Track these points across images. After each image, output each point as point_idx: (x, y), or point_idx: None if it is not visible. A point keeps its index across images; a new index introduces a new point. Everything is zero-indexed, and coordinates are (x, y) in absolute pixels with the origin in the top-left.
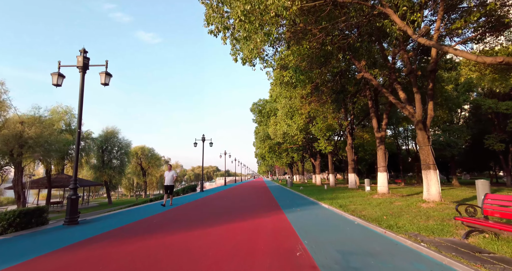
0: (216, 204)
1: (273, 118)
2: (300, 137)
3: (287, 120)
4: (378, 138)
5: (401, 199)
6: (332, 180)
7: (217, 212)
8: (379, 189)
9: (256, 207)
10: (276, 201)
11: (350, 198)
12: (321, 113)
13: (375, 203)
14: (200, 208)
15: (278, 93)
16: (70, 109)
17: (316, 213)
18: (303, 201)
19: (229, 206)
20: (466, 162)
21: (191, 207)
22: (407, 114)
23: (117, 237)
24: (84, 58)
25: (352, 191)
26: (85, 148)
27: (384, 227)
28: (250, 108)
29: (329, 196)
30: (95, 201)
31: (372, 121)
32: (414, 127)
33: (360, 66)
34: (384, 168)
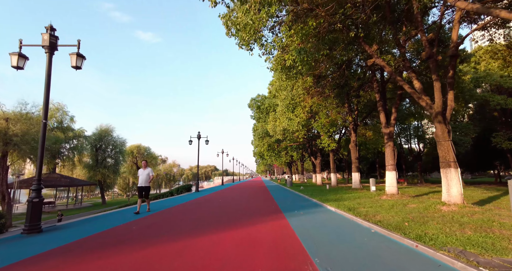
0: (208, 207)
1: (272, 114)
2: (301, 134)
3: (288, 114)
4: (386, 134)
5: (415, 201)
6: (334, 179)
7: (207, 218)
8: (388, 189)
9: (253, 210)
10: (276, 202)
11: (357, 200)
12: (324, 108)
13: (387, 206)
14: (189, 213)
15: (278, 87)
16: (62, 106)
17: (322, 218)
18: (306, 203)
19: (223, 209)
20: (469, 161)
21: (178, 211)
22: (424, 105)
23: (71, 254)
24: (51, 36)
25: (357, 192)
26: (77, 146)
27: (412, 237)
28: (248, 103)
29: (333, 197)
30: (89, 201)
31: (380, 116)
32: (432, 120)
33: (371, 51)
34: (393, 166)
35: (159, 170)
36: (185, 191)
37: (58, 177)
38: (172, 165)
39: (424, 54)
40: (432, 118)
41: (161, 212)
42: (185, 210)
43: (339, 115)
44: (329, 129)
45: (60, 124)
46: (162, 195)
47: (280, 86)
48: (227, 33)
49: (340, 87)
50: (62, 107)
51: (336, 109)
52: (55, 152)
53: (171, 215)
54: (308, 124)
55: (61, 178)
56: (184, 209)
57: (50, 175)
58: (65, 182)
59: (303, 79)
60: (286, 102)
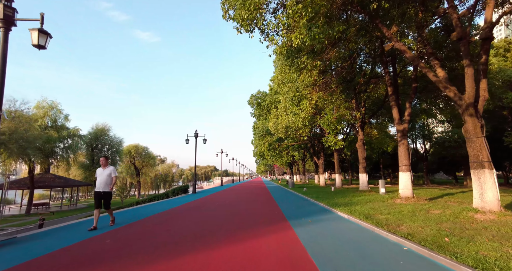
0: (201, 213)
1: (273, 111)
2: (305, 132)
3: (293, 108)
4: (400, 131)
5: (436, 206)
6: (339, 180)
7: (195, 229)
8: (402, 192)
9: (252, 218)
10: (279, 207)
11: (369, 204)
12: (330, 103)
13: (407, 212)
14: (174, 222)
15: (280, 81)
16: (55, 104)
17: (336, 228)
18: (312, 207)
19: (217, 217)
20: None
21: (162, 220)
22: (452, 96)
23: None
24: (5, 7)
25: (366, 194)
26: (71, 146)
27: (471, 265)
28: (248, 100)
29: (342, 201)
30: (86, 202)
31: (392, 111)
32: (461, 114)
33: (389, 34)
34: (407, 167)
35: (157, 171)
36: (182, 192)
37: (52, 177)
38: (171, 165)
39: (455, 34)
40: (462, 111)
41: (136, 223)
42: (171, 218)
43: (347, 110)
44: (336, 126)
45: (54, 123)
46: (157, 197)
47: (283, 80)
48: (224, 16)
49: (347, 82)
50: (56, 105)
51: (344, 104)
52: (48, 151)
53: (145, 228)
54: (313, 121)
55: (55, 178)
56: (170, 217)
57: (43, 176)
58: (59, 182)
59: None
60: (290, 94)
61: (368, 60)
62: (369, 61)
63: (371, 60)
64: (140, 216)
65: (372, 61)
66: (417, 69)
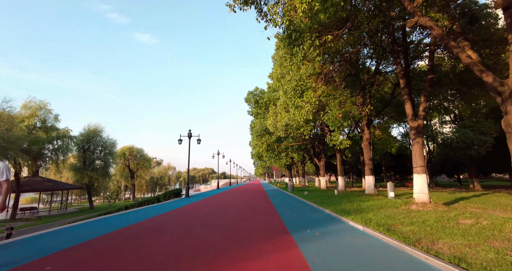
0: (185, 224)
1: (272, 109)
2: (306, 130)
3: (295, 100)
4: (414, 128)
5: (463, 214)
6: (342, 183)
7: (173, 248)
8: (417, 196)
9: (247, 230)
10: (279, 214)
11: (382, 211)
12: (335, 98)
13: (433, 222)
14: (153, 235)
15: (279, 75)
16: (44, 104)
17: (352, 245)
18: (317, 214)
19: (206, 228)
20: (484, 163)
21: (141, 231)
22: (491, 81)
23: None
24: None
25: (374, 199)
26: (61, 147)
27: None
28: (245, 97)
29: (350, 207)
30: (77, 206)
31: (405, 106)
32: (502, 103)
33: (412, 7)
34: (423, 168)
35: (153, 173)
36: (174, 196)
37: (40, 180)
38: (167, 167)
39: (499, 2)
40: (503, 99)
41: (103, 238)
42: (149, 230)
43: (354, 105)
44: (342, 123)
45: (43, 124)
46: (147, 201)
47: (282, 73)
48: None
49: (352, 76)
50: (45, 105)
51: (350, 98)
52: (35, 153)
53: (111, 246)
54: (315, 118)
55: (44, 181)
56: (148, 229)
57: (31, 178)
58: (48, 185)
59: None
60: (292, 84)
61: (372, 56)
62: (372, 57)
63: (377, 54)
64: (115, 227)
65: (379, 55)
66: (433, 59)
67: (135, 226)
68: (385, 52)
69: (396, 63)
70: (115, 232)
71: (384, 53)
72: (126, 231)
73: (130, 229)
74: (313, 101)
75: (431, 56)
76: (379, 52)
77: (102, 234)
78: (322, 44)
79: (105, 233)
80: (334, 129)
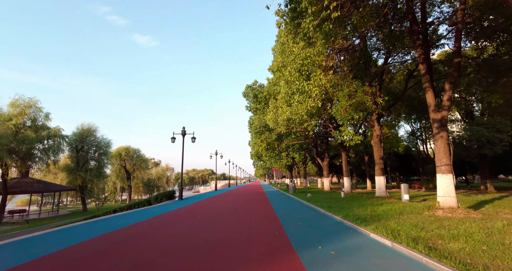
0: (168, 235)
1: (272, 103)
2: (311, 125)
3: (301, 84)
4: (437, 120)
5: (509, 224)
6: (348, 185)
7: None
8: (442, 200)
9: (242, 245)
10: (280, 222)
11: (404, 217)
12: (345, 87)
13: (482, 235)
14: (121, 250)
15: (281, 63)
16: (34, 102)
17: (379, 269)
18: (326, 222)
19: (190, 243)
20: (496, 163)
21: (107, 244)
22: None
23: None
24: None
25: (387, 202)
26: (52, 147)
27: None
28: (243, 92)
29: (363, 212)
30: (72, 208)
31: (426, 96)
32: None
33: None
34: (448, 167)
35: (150, 174)
36: (166, 199)
37: (30, 182)
38: (165, 168)
39: None
40: None
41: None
42: (119, 242)
43: (366, 96)
44: (353, 116)
45: (34, 123)
46: (138, 204)
47: (283, 62)
48: None
49: (364, 63)
50: (34, 103)
51: (362, 88)
52: (24, 153)
53: None
54: (319, 113)
55: (34, 183)
56: (118, 242)
57: (20, 180)
58: (38, 187)
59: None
60: (296, 63)
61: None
62: (380, 49)
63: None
64: (81, 237)
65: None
66: (460, 39)
67: (103, 238)
68: (397, 39)
69: (415, 46)
70: (76, 246)
71: (397, 41)
72: (87, 246)
73: (95, 242)
74: (322, 82)
75: (457, 35)
76: (391, 36)
77: (58, 249)
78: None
79: (60, 249)
80: (343, 123)
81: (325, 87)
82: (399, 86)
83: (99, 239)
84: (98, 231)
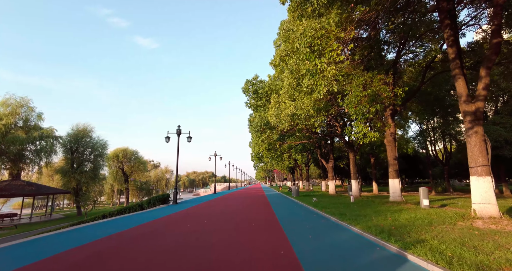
0: (135, 257)
1: (274, 98)
2: (318, 121)
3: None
4: (470, 113)
5: None
6: (356, 188)
7: None
8: (480, 207)
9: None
10: (286, 235)
11: (436, 229)
12: (359, 76)
13: None
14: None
15: (284, 52)
16: (26, 101)
17: None
18: (343, 236)
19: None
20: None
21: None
22: None
23: None
24: None
25: (406, 208)
26: (44, 148)
27: None
28: (243, 87)
29: (384, 222)
30: (67, 212)
31: (455, 84)
32: None
33: None
34: (486, 169)
35: (149, 177)
36: (159, 203)
37: (21, 184)
38: (164, 170)
39: None
40: None
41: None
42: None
43: (383, 86)
44: (369, 109)
45: (26, 123)
46: (129, 208)
47: (287, 50)
48: None
49: (377, 49)
50: (26, 102)
51: (379, 76)
52: (13, 154)
53: None
54: (327, 108)
55: (25, 185)
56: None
57: (11, 182)
58: (30, 190)
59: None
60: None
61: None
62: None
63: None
64: (49, 252)
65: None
66: (501, 16)
67: (73, 252)
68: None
69: (443, 26)
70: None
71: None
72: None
73: (60, 259)
74: (341, 59)
75: (497, 11)
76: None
77: None
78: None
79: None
80: (356, 118)
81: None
82: (411, 81)
83: (48, 262)
84: (57, 247)
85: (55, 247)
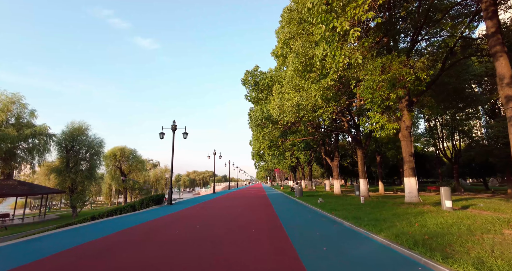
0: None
1: (277, 88)
2: (327, 112)
3: (331, 23)
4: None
5: None
6: (365, 188)
7: None
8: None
9: None
10: (293, 246)
11: (480, 239)
12: (374, 60)
13: None
14: None
15: (288, 35)
16: (18, 98)
17: None
18: (363, 246)
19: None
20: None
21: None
22: None
23: None
24: None
25: (429, 211)
26: (37, 146)
27: None
28: (242, 78)
29: (411, 229)
30: (62, 212)
31: (495, 64)
32: None
33: None
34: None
35: (148, 176)
36: (153, 203)
37: (13, 184)
38: (163, 170)
39: None
40: None
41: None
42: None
43: (405, 68)
44: (389, 95)
45: (18, 120)
46: (121, 209)
47: (291, 33)
48: None
49: (394, 30)
50: (18, 99)
51: (400, 58)
52: (4, 152)
53: None
54: (337, 98)
55: (17, 185)
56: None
57: (2, 182)
58: (22, 189)
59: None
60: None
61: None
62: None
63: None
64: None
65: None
66: None
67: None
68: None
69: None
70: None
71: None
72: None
73: None
74: (369, 16)
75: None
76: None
77: None
78: None
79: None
80: (373, 106)
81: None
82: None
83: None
84: (25, 258)
85: (23, 258)
